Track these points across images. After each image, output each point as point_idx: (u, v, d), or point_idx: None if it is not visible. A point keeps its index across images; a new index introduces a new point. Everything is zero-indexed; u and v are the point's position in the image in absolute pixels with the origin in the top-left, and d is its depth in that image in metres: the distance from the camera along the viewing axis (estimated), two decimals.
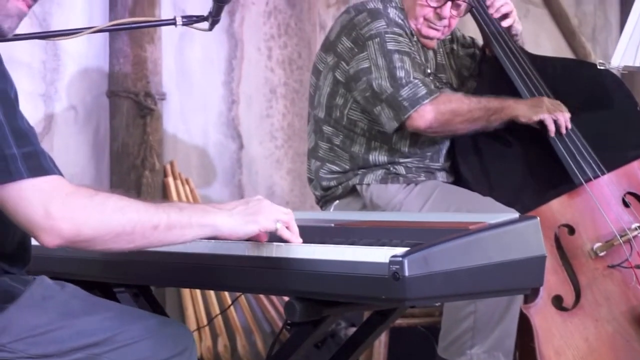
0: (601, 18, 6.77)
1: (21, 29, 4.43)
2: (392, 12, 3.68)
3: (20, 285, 2.15)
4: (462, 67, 3.96)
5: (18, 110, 2.05)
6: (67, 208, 1.98)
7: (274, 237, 2.30)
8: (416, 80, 3.51)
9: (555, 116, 3.58)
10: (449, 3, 3.65)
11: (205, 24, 3.16)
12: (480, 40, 3.95)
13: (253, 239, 2.27)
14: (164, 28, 4.76)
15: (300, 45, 5.35)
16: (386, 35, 3.57)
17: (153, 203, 2.13)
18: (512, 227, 2.25)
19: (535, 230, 2.28)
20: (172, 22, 3.14)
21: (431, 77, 3.73)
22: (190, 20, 3.16)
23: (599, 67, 3.27)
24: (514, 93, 3.70)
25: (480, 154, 3.69)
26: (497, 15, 3.83)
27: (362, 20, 3.62)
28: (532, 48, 4.14)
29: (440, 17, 3.67)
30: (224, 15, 3.08)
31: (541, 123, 3.58)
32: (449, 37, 3.89)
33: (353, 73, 3.60)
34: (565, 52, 6.47)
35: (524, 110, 3.58)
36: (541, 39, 6.43)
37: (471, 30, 4.09)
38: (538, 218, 2.29)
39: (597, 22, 6.75)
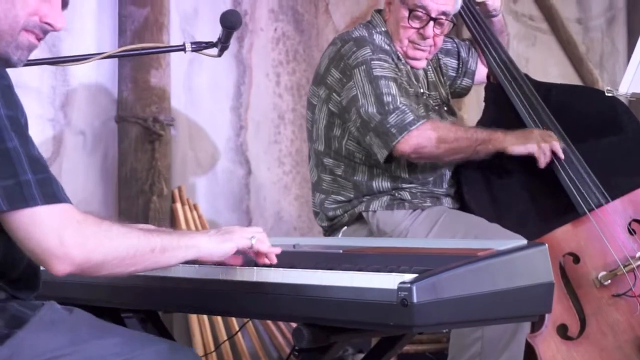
0: (609, 45, 6.77)
1: (31, 54, 4.46)
2: (378, 38, 3.70)
3: (29, 310, 2.16)
4: (450, 70, 3.98)
5: (29, 136, 2.09)
6: (80, 236, 2.04)
7: (282, 263, 2.31)
8: (403, 107, 3.52)
9: (544, 148, 3.57)
10: (431, 22, 3.66)
11: (214, 50, 3.17)
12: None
13: (228, 263, 2.37)
14: (172, 54, 4.78)
15: (308, 71, 5.37)
16: (372, 62, 3.58)
17: (146, 229, 2.26)
18: (520, 254, 2.25)
19: (543, 256, 2.28)
20: (181, 48, 3.16)
21: (425, 97, 3.75)
22: (200, 47, 3.17)
23: (606, 93, 3.28)
24: (518, 120, 3.71)
25: (485, 182, 3.69)
26: None
27: (348, 50, 3.63)
28: (540, 75, 4.15)
29: (424, 37, 3.68)
30: (232, 41, 3.10)
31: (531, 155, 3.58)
32: None
33: (345, 104, 3.61)
34: (573, 79, 6.47)
35: (512, 141, 3.57)
36: (549, 66, 6.43)
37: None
38: (546, 245, 2.29)
39: (604, 48, 6.75)
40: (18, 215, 2.01)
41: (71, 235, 2.02)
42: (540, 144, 3.57)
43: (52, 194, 2.03)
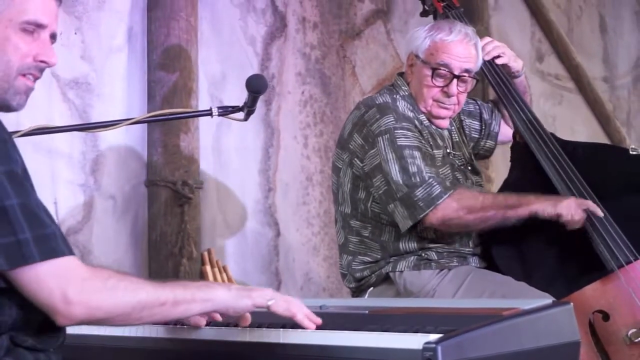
0: (635, 103, 6.78)
1: (62, 121, 4.53)
2: (402, 105, 3.72)
3: None
4: (473, 132, 4.00)
5: (28, 188, 2.11)
6: (83, 293, 2.08)
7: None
8: (430, 180, 3.54)
9: (574, 210, 3.55)
10: (455, 80, 3.69)
11: (240, 114, 3.21)
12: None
13: (239, 323, 2.42)
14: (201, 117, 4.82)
15: (335, 133, 5.39)
16: (395, 131, 3.61)
17: (161, 282, 2.26)
18: (545, 313, 2.26)
19: (569, 315, 2.28)
20: (208, 113, 3.20)
21: (451, 157, 3.77)
22: (226, 111, 3.21)
23: (631, 152, 3.28)
24: (545, 179, 3.71)
25: (513, 240, 3.68)
26: (487, 58, 3.87)
27: (371, 117, 3.66)
28: (567, 133, 4.17)
29: (448, 95, 3.71)
30: (260, 104, 3.13)
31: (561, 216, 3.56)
32: None
33: (368, 170, 3.64)
34: (600, 137, 6.47)
35: (542, 205, 3.56)
36: (576, 125, 6.44)
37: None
38: (572, 304, 2.30)
39: (631, 106, 6.76)
40: (20, 273, 2.05)
41: (74, 292, 2.06)
42: (570, 208, 3.56)
43: (52, 249, 2.06)
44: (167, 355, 2.59)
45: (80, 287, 2.07)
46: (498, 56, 3.92)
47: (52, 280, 2.05)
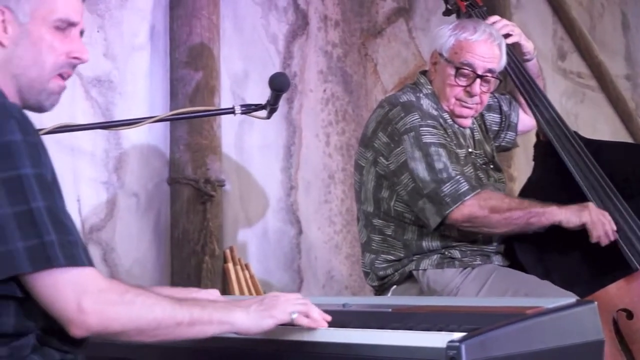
0: None
1: (85, 119, 4.55)
2: (425, 103, 3.72)
3: None
4: (493, 125, 4.01)
5: (56, 194, 2.11)
6: (98, 304, 2.06)
7: (331, 323, 2.32)
8: (458, 176, 3.54)
9: (596, 226, 3.55)
10: (478, 80, 3.68)
11: (263, 112, 3.21)
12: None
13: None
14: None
15: (357, 131, 5.40)
16: (421, 129, 3.60)
17: (179, 301, 2.22)
18: (569, 312, 2.25)
19: (593, 314, 2.27)
20: (231, 111, 3.20)
21: (473, 156, 3.77)
22: (249, 109, 3.21)
23: None
24: (569, 177, 3.71)
25: (537, 239, 3.67)
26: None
27: (396, 115, 3.66)
28: (589, 132, 4.15)
29: (471, 95, 3.70)
30: (282, 102, 3.13)
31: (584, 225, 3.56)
32: None
33: (394, 169, 3.63)
34: (622, 135, 6.45)
35: (566, 215, 3.56)
36: (599, 123, 6.42)
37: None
38: (595, 302, 2.29)
39: None
40: (41, 277, 2.03)
41: (90, 303, 2.04)
42: (595, 219, 3.56)
43: (74, 256, 2.05)
44: (189, 353, 2.59)
45: (96, 298, 2.05)
46: (508, 35, 3.89)
47: (70, 289, 2.04)
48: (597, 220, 3.55)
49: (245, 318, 2.27)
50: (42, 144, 2.13)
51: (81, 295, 2.04)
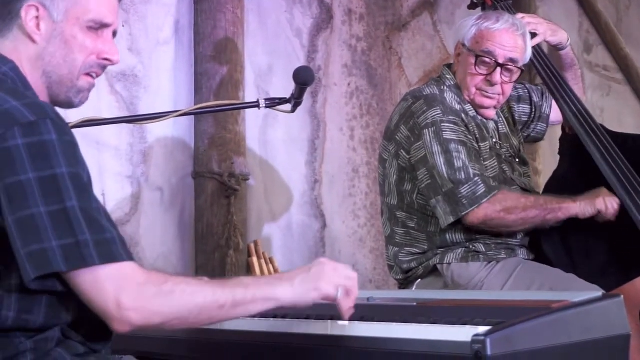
0: None
1: (110, 113, 4.56)
2: (449, 96, 3.71)
3: None
4: (523, 116, 4.01)
5: (91, 193, 2.11)
6: (138, 299, 2.05)
7: (356, 316, 2.32)
8: (476, 178, 3.54)
9: (609, 201, 3.57)
10: (499, 69, 3.67)
11: (287, 106, 3.21)
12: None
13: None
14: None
15: (382, 125, 5.39)
16: (442, 124, 3.59)
17: (221, 282, 2.21)
18: (595, 306, 2.24)
19: (619, 308, 2.26)
20: (256, 105, 3.21)
21: (497, 147, 3.76)
22: (273, 103, 3.22)
23: None
24: (595, 171, 3.69)
25: (563, 232, 3.67)
26: None
27: (418, 108, 3.65)
28: (615, 125, 4.13)
29: (491, 84, 3.68)
30: (306, 96, 3.13)
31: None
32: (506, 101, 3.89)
33: (414, 162, 3.64)
34: None
35: (581, 207, 3.58)
36: (624, 116, 6.40)
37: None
38: (622, 296, 2.27)
39: None
40: (78, 276, 2.03)
41: (129, 298, 2.03)
42: (605, 199, 3.57)
43: (111, 253, 2.04)
44: (211, 347, 2.60)
45: (135, 293, 2.04)
46: (533, 34, 3.86)
47: (109, 285, 2.03)
48: (609, 200, 3.58)
49: (290, 292, 2.23)
50: (77, 143, 2.13)
51: (120, 292, 2.03)
